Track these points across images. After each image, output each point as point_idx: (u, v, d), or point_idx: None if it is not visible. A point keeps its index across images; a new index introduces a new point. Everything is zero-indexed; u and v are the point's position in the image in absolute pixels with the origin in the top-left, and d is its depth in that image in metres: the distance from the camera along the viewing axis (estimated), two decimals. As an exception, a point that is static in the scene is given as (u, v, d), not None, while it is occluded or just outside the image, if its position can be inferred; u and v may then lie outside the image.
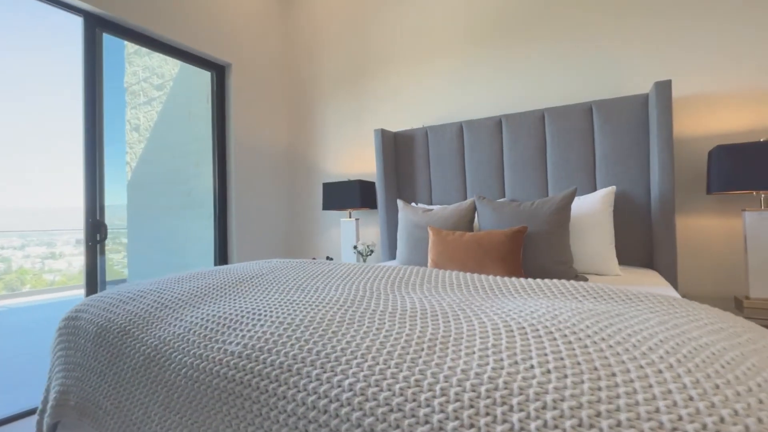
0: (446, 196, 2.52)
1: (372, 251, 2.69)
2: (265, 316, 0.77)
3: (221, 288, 1.03)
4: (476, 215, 2.01)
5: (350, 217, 2.82)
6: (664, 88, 1.84)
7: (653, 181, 1.92)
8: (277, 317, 0.76)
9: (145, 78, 4.17)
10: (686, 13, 2.05)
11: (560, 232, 1.69)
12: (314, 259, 2.88)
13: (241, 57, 3.02)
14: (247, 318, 0.78)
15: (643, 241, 2.01)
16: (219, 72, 2.95)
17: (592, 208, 1.85)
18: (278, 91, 3.37)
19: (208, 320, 0.79)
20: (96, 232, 2.24)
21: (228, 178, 2.96)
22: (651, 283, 1.62)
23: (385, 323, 0.70)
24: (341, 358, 0.58)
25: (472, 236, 1.69)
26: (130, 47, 4.29)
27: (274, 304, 0.85)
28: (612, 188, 1.90)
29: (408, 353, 0.57)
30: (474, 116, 2.60)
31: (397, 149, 2.70)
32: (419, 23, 2.80)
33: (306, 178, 3.33)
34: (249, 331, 0.72)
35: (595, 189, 2.11)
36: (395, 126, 2.88)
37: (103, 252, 2.29)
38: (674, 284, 1.84)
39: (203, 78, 3.62)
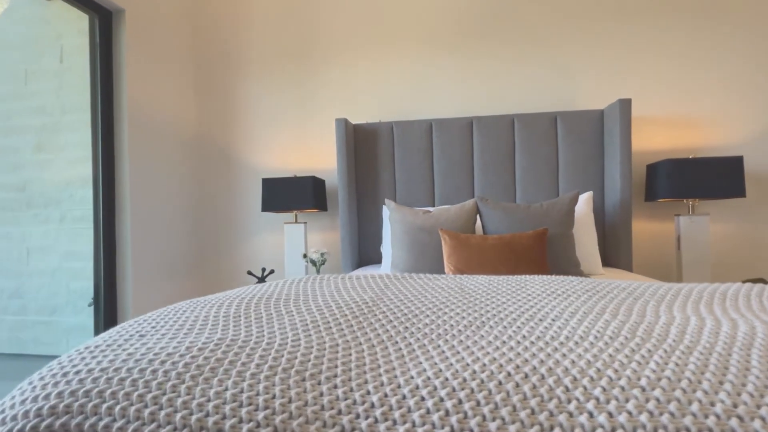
0: (412, 196, 2.34)
1: (325, 260, 2.30)
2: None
3: (353, 325, 0.62)
4: (478, 217, 1.89)
5: (296, 221, 2.36)
6: (625, 105, 2.06)
7: (612, 188, 2.13)
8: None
9: (-63, 9, 2.75)
10: (638, 46, 2.35)
11: (569, 234, 1.70)
12: (249, 272, 2.32)
13: (139, 2, 2.24)
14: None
15: (597, 242, 2.21)
16: (104, 18, 2.12)
17: (580, 211, 1.94)
18: (191, 54, 2.63)
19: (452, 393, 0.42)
20: None
21: (117, 166, 2.14)
22: (633, 279, 1.76)
23: None
24: None
25: (499, 239, 1.56)
26: None
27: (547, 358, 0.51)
28: (590, 193, 2.03)
29: None
30: (436, 116, 2.49)
31: (357, 144, 2.39)
32: (380, 7, 2.55)
33: (227, 171, 2.67)
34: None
35: (557, 194, 2.24)
36: (348, 118, 2.55)
37: None
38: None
39: (58, 25, 2.57)
